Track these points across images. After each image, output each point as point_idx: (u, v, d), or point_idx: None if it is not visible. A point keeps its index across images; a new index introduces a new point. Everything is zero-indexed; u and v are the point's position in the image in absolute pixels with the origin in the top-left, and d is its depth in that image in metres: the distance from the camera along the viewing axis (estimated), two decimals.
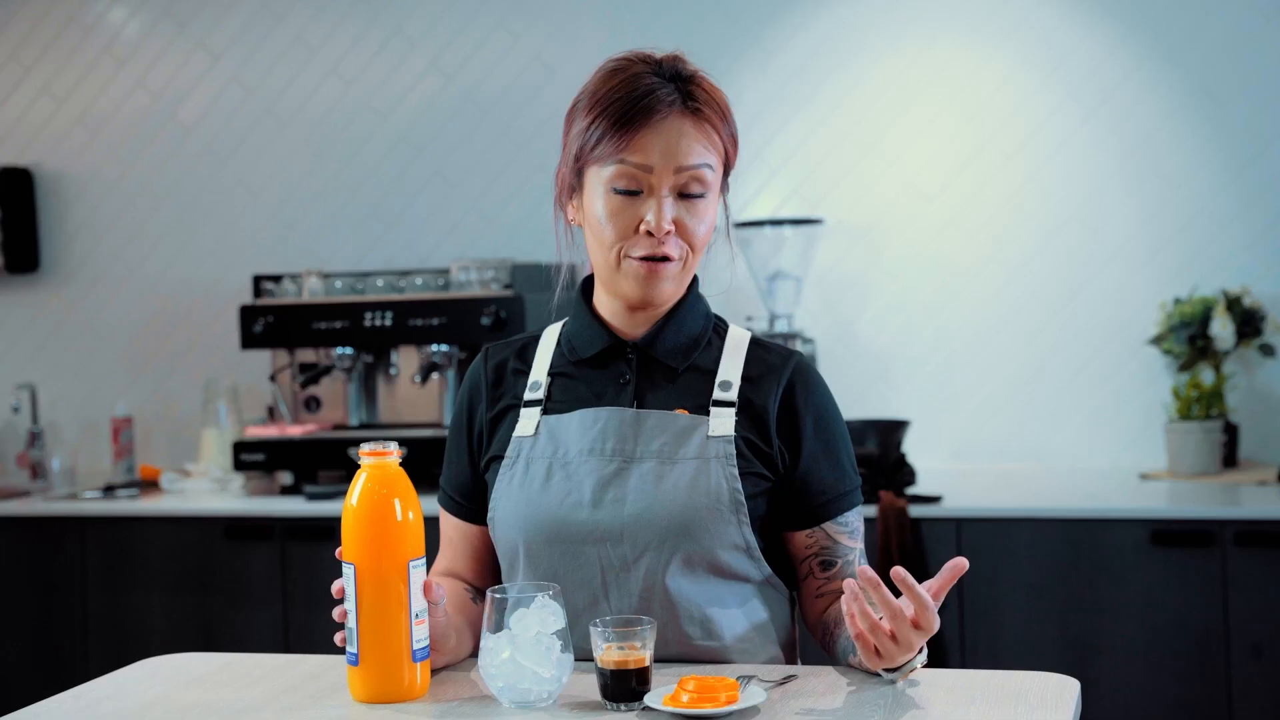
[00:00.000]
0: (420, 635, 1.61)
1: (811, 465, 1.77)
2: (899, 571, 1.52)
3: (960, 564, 1.55)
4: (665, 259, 1.72)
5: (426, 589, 1.61)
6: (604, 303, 1.82)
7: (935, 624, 1.53)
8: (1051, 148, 3.92)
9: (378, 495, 1.60)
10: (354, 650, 1.60)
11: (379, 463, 1.61)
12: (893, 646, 1.54)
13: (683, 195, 1.72)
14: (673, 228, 1.71)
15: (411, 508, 1.61)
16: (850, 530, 1.80)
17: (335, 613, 1.63)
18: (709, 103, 1.74)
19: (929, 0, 3.99)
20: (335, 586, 1.62)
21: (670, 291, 1.76)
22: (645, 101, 1.70)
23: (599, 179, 1.72)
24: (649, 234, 1.70)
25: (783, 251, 3.93)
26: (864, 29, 4.03)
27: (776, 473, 1.76)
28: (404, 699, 1.61)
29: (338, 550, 1.62)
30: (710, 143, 1.73)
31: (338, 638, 1.63)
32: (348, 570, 1.60)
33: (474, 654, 1.77)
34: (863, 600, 1.54)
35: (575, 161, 1.75)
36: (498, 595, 1.59)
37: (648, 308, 1.78)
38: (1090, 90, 3.89)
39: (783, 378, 1.78)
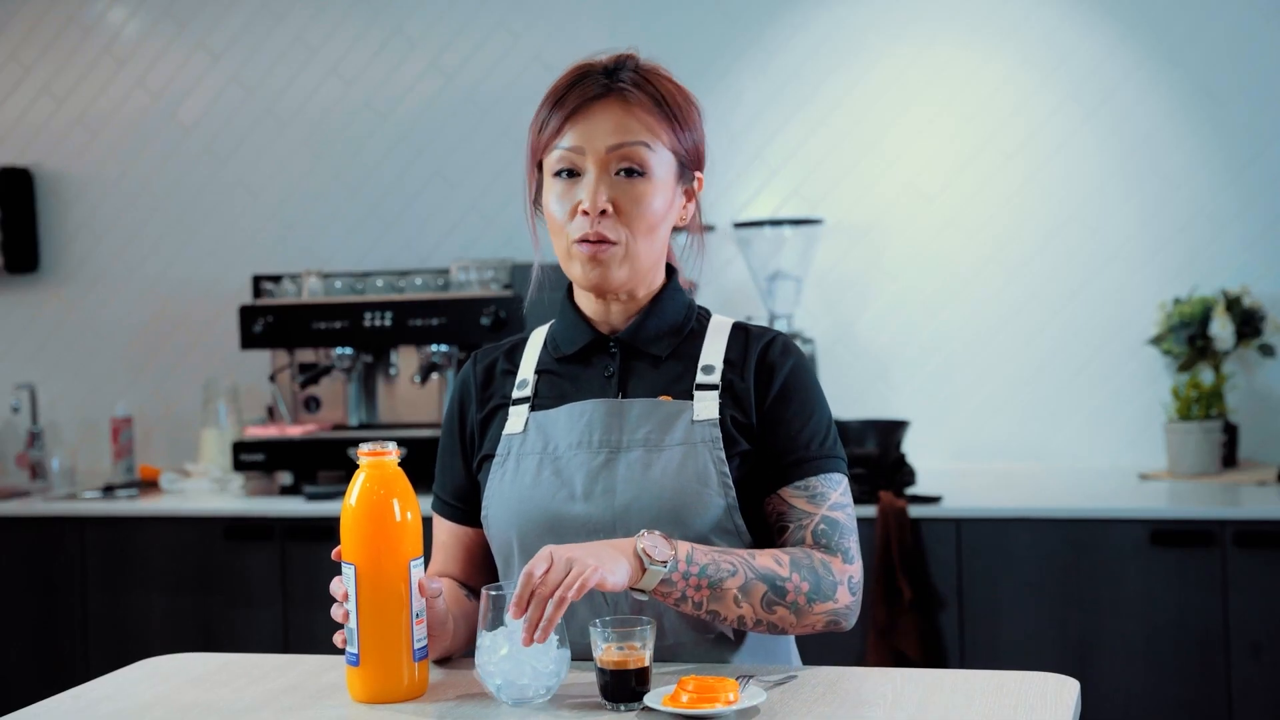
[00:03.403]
0: (420, 635, 1.61)
1: (769, 427, 1.75)
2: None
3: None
4: (601, 240, 1.73)
5: (421, 587, 1.61)
6: (584, 300, 1.84)
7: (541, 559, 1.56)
8: (1051, 148, 3.92)
9: (376, 495, 1.60)
10: (354, 650, 1.60)
11: (377, 462, 1.61)
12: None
13: (620, 176, 1.74)
14: (608, 207, 1.73)
15: (410, 507, 1.61)
16: (810, 495, 1.74)
17: (334, 613, 1.63)
18: (643, 86, 1.76)
19: (929, 0, 3.99)
20: (334, 585, 1.62)
21: (621, 277, 1.76)
22: (578, 86, 1.75)
23: (548, 169, 1.78)
24: (585, 213, 1.73)
25: (783, 251, 3.93)
26: (864, 29, 4.03)
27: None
28: (404, 699, 1.61)
29: (335, 550, 1.62)
30: (644, 125, 1.75)
31: (337, 638, 1.63)
32: (348, 570, 1.60)
33: (471, 651, 1.78)
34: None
35: (532, 157, 1.81)
36: (494, 592, 1.60)
37: (604, 295, 1.79)
38: (1090, 90, 3.89)
39: (759, 349, 1.79)
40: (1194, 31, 3.82)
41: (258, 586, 3.72)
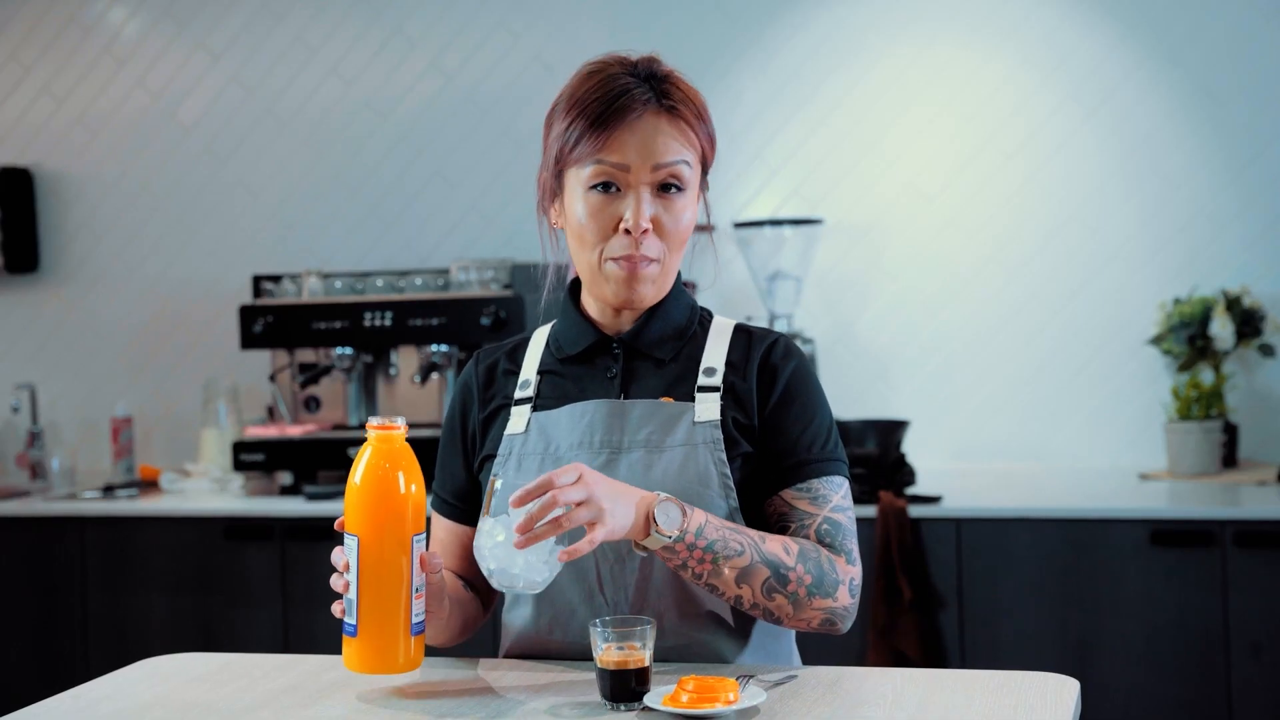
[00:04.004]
0: (418, 609, 1.62)
1: (771, 430, 1.75)
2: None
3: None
4: (645, 260, 1.73)
5: (423, 561, 1.62)
6: (590, 302, 1.83)
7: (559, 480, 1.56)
8: (1051, 148, 3.92)
9: (382, 469, 1.60)
10: (352, 621, 1.61)
11: (385, 436, 1.62)
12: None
13: (660, 193, 1.73)
14: (650, 226, 1.72)
15: (415, 482, 1.62)
16: (813, 497, 1.74)
17: (334, 583, 1.63)
18: (684, 101, 1.75)
19: (929, 0, 3.99)
20: (335, 555, 1.63)
21: (651, 293, 1.77)
22: (621, 101, 1.72)
23: (578, 180, 1.74)
24: (627, 232, 1.72)
25: (783, 251, 3.93)
26: (864, 29, 4.03)
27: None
28: (399, 670, 1.62)
29: (338, 521, 1.62)
30: (686, 140, 1.74)
31: (335, 608, 1.63)
32: (350, 541, 1.60)
33: (462, 640, 1.81)
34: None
35: (555, 164, 1.78)
36: (499, 480, 1.64)
37: (630, 309, 1.79)
38: (1090, 90, 3.90)
39: (762, 352, 1.79)
40: (1194, 31, 3.82)
41: (258, 586, 3.72)
